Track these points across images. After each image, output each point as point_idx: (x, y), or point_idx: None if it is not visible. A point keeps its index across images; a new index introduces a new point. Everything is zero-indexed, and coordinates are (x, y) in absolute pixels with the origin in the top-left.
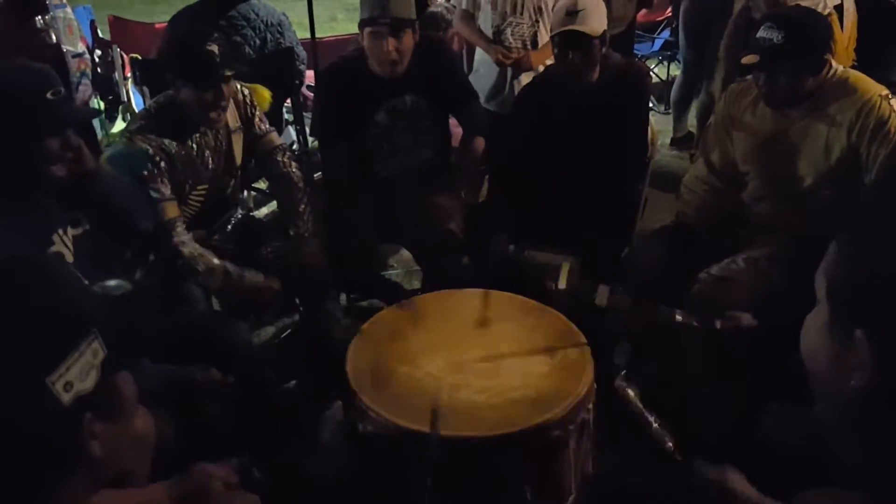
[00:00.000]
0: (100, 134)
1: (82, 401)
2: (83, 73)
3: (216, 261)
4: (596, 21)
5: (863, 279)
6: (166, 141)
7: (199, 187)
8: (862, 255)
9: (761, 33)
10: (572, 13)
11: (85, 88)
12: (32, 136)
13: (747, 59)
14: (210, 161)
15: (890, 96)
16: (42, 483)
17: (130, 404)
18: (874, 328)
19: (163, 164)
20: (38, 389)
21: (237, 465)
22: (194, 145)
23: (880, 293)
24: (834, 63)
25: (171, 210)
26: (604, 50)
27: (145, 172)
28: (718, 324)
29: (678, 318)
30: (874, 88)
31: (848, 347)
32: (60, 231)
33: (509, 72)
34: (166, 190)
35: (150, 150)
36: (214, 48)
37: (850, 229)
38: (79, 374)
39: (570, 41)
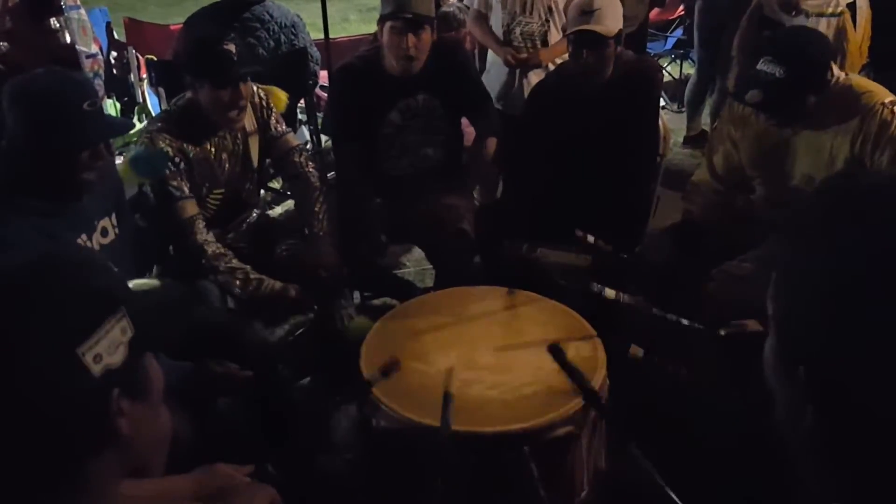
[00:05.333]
0: None
1: (111, 374)
2: (96, 74)
3: (239, 264)
4: (611, 21)
5: (804, 311)
6: (185, 144)
7: (216, 191)
8: (795, 281)
9: (762, 66)
10: (588, 12)
11: (98, 88)
12: (67, 146)
13: (751, 98)
14: (227, 164)
15: (894, 103)
16: (73, 459)
17: (157, 387)
18: (814, 370)
19: (182, 164)
20: (69, 359)
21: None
22: (212, 148)
23: (822, 330)
24: (836, 70)
25: (191, 208)
26: (618, 49)
27: (167, 171)
28: (723, 332)
29: (684, 322)
30: (878, 96)
31: (794, 383)
32: (84, 236)
33: (518, 72)
34: (185, 187)
35: (171, 152)
36: (231, 47)
37: (782, 254)
38: (108, 347)
39: (584, 40)
